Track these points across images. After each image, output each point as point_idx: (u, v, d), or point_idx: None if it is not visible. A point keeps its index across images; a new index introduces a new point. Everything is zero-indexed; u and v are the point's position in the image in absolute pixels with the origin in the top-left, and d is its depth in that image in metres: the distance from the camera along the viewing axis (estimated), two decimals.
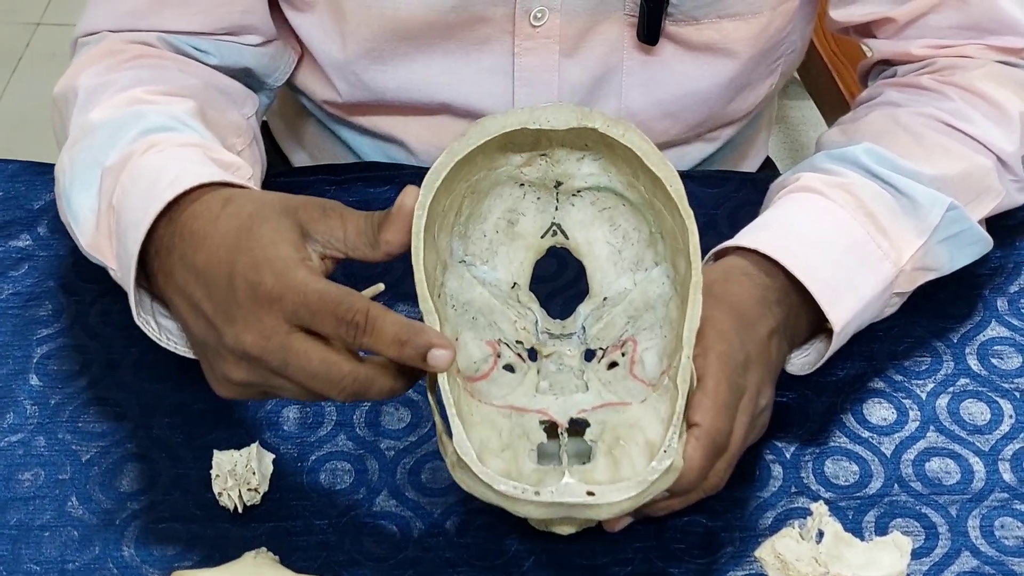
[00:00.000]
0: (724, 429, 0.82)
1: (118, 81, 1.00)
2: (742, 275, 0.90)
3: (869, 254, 0.92)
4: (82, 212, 0.94)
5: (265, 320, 0.79)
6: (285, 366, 0.80)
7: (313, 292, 0.79)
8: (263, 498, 0.89)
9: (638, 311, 0.86)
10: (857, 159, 0.96)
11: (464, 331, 0.85)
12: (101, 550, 0.87)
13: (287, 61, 1.12)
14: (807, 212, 0.94)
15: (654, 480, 0.78)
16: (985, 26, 1.03)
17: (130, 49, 1.03)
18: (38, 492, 0.90)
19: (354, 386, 0.79)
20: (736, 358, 0.84)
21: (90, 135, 0.96)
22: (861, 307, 0.91)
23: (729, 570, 0.86)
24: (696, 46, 1.07)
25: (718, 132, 1.18)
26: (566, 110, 0.82)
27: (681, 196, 0.81)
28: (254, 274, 0.80)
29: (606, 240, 0.87)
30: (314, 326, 0.79)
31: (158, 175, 0.89)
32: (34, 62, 2.56)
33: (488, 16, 1.05)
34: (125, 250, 0.89)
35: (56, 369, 0.97)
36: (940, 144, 0.98)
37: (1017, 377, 0.96)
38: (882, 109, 1.02)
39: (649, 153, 0.82)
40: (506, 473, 0.79)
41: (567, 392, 0.85)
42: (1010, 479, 0.91)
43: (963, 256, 0.98)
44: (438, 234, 0.84)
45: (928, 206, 0.95)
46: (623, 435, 0.82)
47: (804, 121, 2.03)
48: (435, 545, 0.87)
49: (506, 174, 0.85)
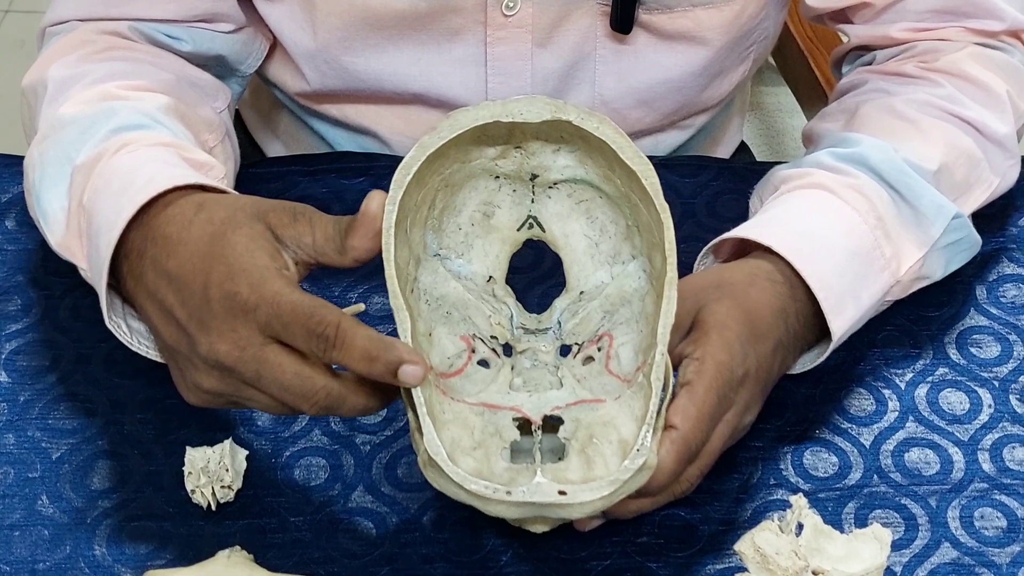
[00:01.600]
0: (701, 438, 0.81)
1: (89, 74, 0.98)
2: (767, 281, 0.88)
3: (873, 262, 0.92)
4: (51, 210, 0.93)
5: (240, 330, 0.78)
6: (258, 378, 0.79)
7: (287, 303, 0.78)
8: (237, 495, 0.88)
9: (614, 306, 0.85)
10: (866, 160, 0.95)
11: (438, 326, 0.84)
12: (72, 549, 0.86)
13: (259, 48, 1.11)
14: (820, 211, 0.93)
15: (626, 479, 0.77)
16: (963, 10, 1.03)
17: (101, 40, 1.02)
18: (7, 491, 0.89)
19: (327, 400, 0.79)
20: (735, 372, 0.83)
21: (60, 130, 0.94)
22: (859, 316, 0.91)
23: (708, 564, 0.85)
24: (669, 34, 1.07)
25: (692, 119, 1.17)
26: (539, 103, 0.81)
27: (656, 190, 0.81)
28: (230, 283, 0.79)
29: (583, 233, 0.86)
30: (286, 338, 0.78)
31: (131, 177, 0.88)
32: (2, 50, 2.53)
33: (460, 6, 1.04)
34: (97, 252, 0.87)
35: (25, 365, 0.96)
36: (938, 130, 0.97)
37: (996, 366, 0.96)
38: (876, 99, 1.01)
39: (624, 147, 0.81)
40: (477, 472, 0.78)
41: (541, 389, 0.84)
42: (989, 469, 0.90)
43: (956, 262, 0.98)
44: (410, 229, 0.83)
45: (932, 217, 0.94)
46: (596, 433, 0.81)
47: (779, 107, 2.02)
48: (411, 541, 0.86)
49: (480, 167, 0.85)
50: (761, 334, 0.86)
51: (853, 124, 1.00)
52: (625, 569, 0.85)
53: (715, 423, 0.82)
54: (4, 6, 2.67)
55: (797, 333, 0.89)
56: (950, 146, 0.97)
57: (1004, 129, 0.99)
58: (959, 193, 0.97)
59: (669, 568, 0.85)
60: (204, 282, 0.80)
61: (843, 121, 1.02)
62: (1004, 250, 1.03)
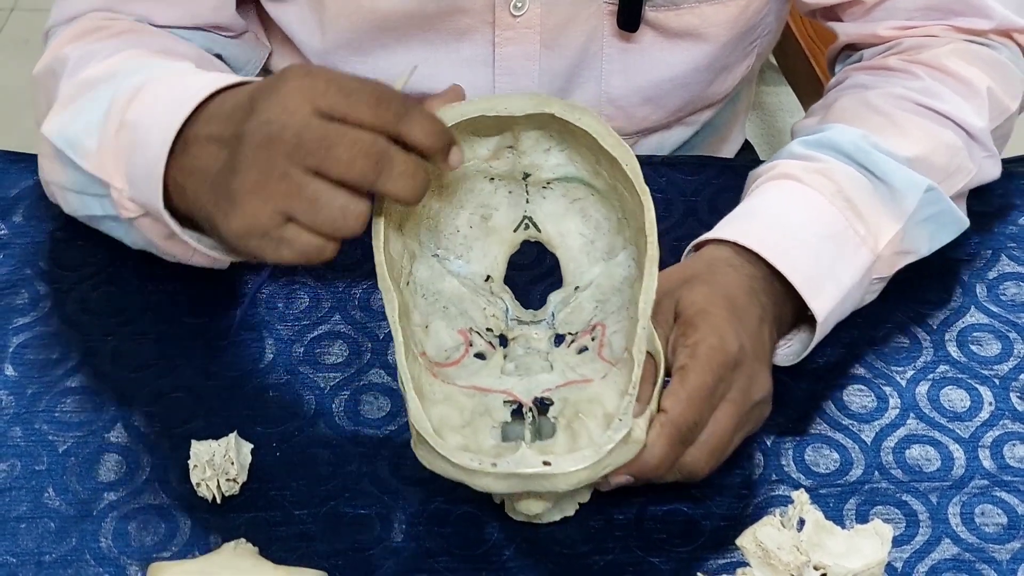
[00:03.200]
0: (691, 420, 0.81)
1: (108, 47, 0.98)
2: (727, 266, 0.89)
3: (847, 241, 0.92)
4: (81, 138, 0.91)
5: (292, 100, 0.77)
6: (302, 138, 0.76)
7: (350, 76, 0.78)
8: (242, 488, 0.88)
9: (605, 295, 0.86)
10: (833, 143, 0.96)
11: (435, 319, 0.85)
12: (78, 541, 0.86)
13: (259, 55, 1.13)
14: (785, 200, 0.94)
15: (611, 449, 0.78)
16: (952, 7, 1.04)
17: (115, 24, 1.02)
18: (14, 483, 0.89)
19: (376, 147, 0.76)
20: (728, 351, 0.83)
21: (90, 89, 0.93)
22: (842, 295, 0.91)
23: (710, 558, 0.86)
24: (675, 32, 1.07)
25: (697, 115, 1.18)
26: (523, 97, 0.82)
27: (637, 173, 0.81)
28: (281, 73, 0.79)
29: (579, 231, 0.87)
30: (349, 108, 0.77)
31: (184, 85, 0.87)
32: (7, 48, 2.53)
33: (468, 7, 1.04)
34: (146, 153, 0.86)
35: (32, 358, 0.96)
36: (912, 123, 0.98)
37: (996, 364, 0.96)
38: (851, 93, 1.02)
39: (605, 135, 0.82)
40: (464, 448, 0.79)
41: (532, 373, 0.85)
42: (990, 466, 0.91)
43: (941, 237, 0.98)
44: (403, 223, 0.83)
45: (904, 190, 0.95)
46: (583, 409, 0.82)
47: (781, 107, 2.03)
48: (415, 534, 0.87)
49: (474, 168, 0.85)
50: (742, 312, 0.86)
51: (828, 117, 1.01)
52: (627, 563, 0.86)
53: (710, 404, 0.83)
54: (9, 4, 2.67)
55: (771, 310, 0.89)
56: (927, 137, 0.98)
57: (980, 123, 1.00)
58: (941, 178, 0.97)
59: (671, 562, 0.86)
60: (251, 92, 0.80)
61: (821, 116, 1.03)
62: (1004, 248, 1.04)
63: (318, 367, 0.96)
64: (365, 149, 0.76)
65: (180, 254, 0.94)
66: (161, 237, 0.92)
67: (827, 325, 0.91)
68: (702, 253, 0.92)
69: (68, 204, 0.98)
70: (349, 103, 0.77)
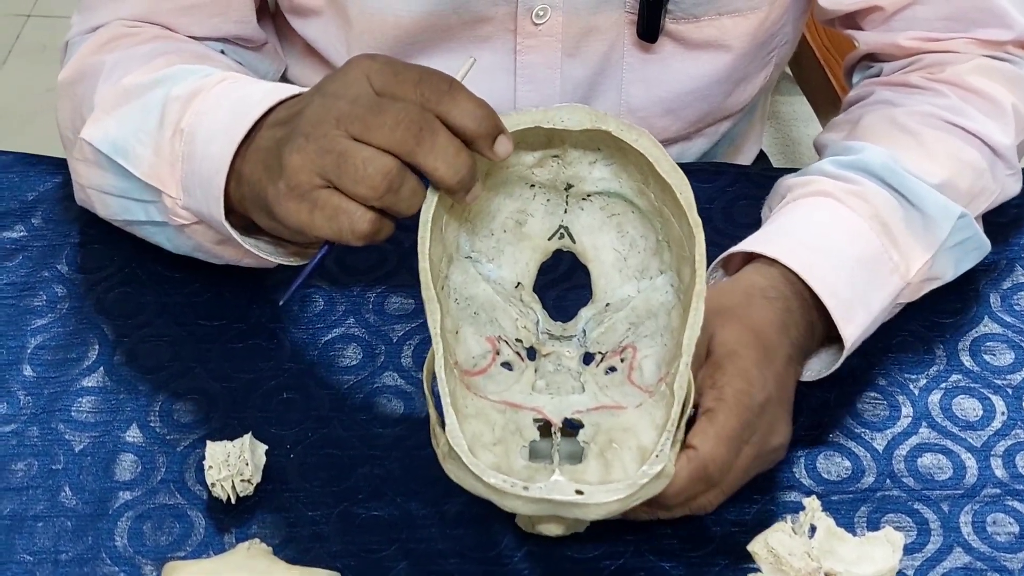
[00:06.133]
0: (720, 461, 0.81)
1: (144, 52, 0.98)
2: (762, 299, 0.89)
3: (881, 266, 0.92)
4: (132, 146, 0.92)
5: (351, 75, 0.81)
6: (353, 106, 0.79)
7: (398, 60, 0.80)
8: (256, 489, 0.89)
9: (640, 318, 0.86)
10: (868, 166, 0.95)
11: (465, 325, 0.85)
12: (94, 540, 0.87)
13: (277, 68, 1.13)
14: (826, 220, 0.94)
15: (644, 484, 0.78)
16: (972, 17, 1.03)
17: (143, 31, 1.02)
18: (31, 482, 0.90)
19: (419, 119, 0.78)
20: (755, 397, 0.83)
21: (137, 95, 0.94)
22: (870, 322, 0.91)
23: (721, 564, 0.86)
24: (695, 43, 1.07)
25: (716, 126, 1.18)
26: (580, 111, 0.82)
27: (691, 204, 0.81)
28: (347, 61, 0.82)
29: (612, 247, 0.87)
30: (397, 87, 0.79)
31: (244, 95, 0.88)
32: (24, 54, 2.55)
33: (490, 15, 1.05)
34: (205, 163, 0.87)
35: (50, 359, 0.97)
36: (939, 144, 0.98)
37: (1009, 374, 0.97)
38: (879, 110, 1.02)
39: (660, 159, 0.81)
40: (496, 467, 0.79)
41: (563, 392, 0.85)
42: (1002, 475, 0.91)
43: (966, 262, 0.98)
44: (445, 227, 0.84)
45: (938, 219, 0.95)
46: (616, 438, 0.81)
47: (796, 116, 2.03)
48: (427, 537, 0.87)
49: (517, 174, 0.85)
50: (772, 353, 0.86)
51: (856, 134, 1.01)
52: (638, 569, 0.86)
53: (738, 448, 0.83)
54: (25, 11, 2.68)
55: (801, 344, 0.90)
56: (953, 159, 0.98)
57: (1006, 140, 1.00)
58: (965, 202, 0.97)
59: (682, 568, 0.86)
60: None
61: (847, 131, 1.03)
62: (1018, 259, 1.04)
63: (332, 370, 0.96)
64: (408, 118, 0.78)
65: (231, 256, 0.95)
66: (213, 242, 0.93)
67: (852, 349, 0.91)
68: (739, 278, 0.92)
69: (107, 207, 0.98)
70: (397, 80, 0.79)
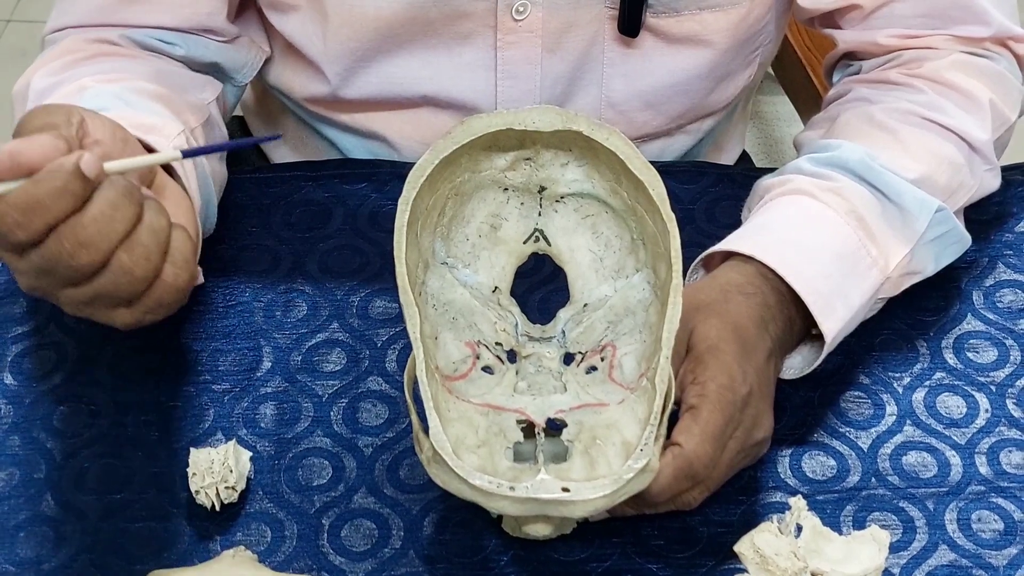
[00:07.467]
0: (706, 458, 0.82)
1: (69, 80, 0.98)
2: (740, 295, 0.89)
3: (859, 261, 0.93)
4: None
5: None
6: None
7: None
8: (240, 496, 0.88)
9: (618, 316, 0.86)
10: (845, 163, 0.96)
11: (444, 331, 0.85)
12: (77, 550, 0.86)
13: (254, 59, 1.13)
14: (801, 217, 0.94)
15: (629, 479, 0.78)
16: (950, 14, 1.04)
17: (88, 48, 1.02)
18: (13, 492, 0.89)
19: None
20: (737, 392, 0.84)
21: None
22: (851, 316, 0.92)
23: (708, 564, 0.86)
24: (676, 38, 1.08)
25: (699, 124, 1.18)
26: (551, 112, 0.82)
27: (663, 200, 0.81)
28: None
29: (588, 248, 0.87)
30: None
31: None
32: (4, 59, 2.54)
33: (470, 11, 1.05)
34: None
35: (30, 367, 0.96)
36: (916, 140, 0.98)
37: (993, 371, 0.97)
38: (856, 107, 1.02)
39: (632, 157, 0.82)
40: (481, 469, 0.79)
41: (545, 393, 0.85)
42: (986, 472, 0.91)
43: (946, 256, 0.99)
44: (420, 232, 0.84)
45: (915, 212, 0.95)
46: (600, 435, 0.82)
47: (778, 116, 2.04)
48: (413, 541, 0.87)
49: (490, 178, 0.85)
50: (751, 347, 0.87)
51: (833, 132, 1.01)
52: (625, 570, 0.86)
53: (722, 444, 0.83)
54: (5, 16, 2.68)
55: (780, 339, 0.90)
56: (930, 154, 0.98)
57: (984, 136, 1.00)
58: (944, 197, 0.98)
59: (669, 569, 0.86)
60: None
61: (825, 129, 1.03)
62: (1000, 256, 1.04)
63: (316, 375, 0.96)
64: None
65: None
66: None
67: (833, 344, 0.91)
68: (716, 275, 0.92)
69: None
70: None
